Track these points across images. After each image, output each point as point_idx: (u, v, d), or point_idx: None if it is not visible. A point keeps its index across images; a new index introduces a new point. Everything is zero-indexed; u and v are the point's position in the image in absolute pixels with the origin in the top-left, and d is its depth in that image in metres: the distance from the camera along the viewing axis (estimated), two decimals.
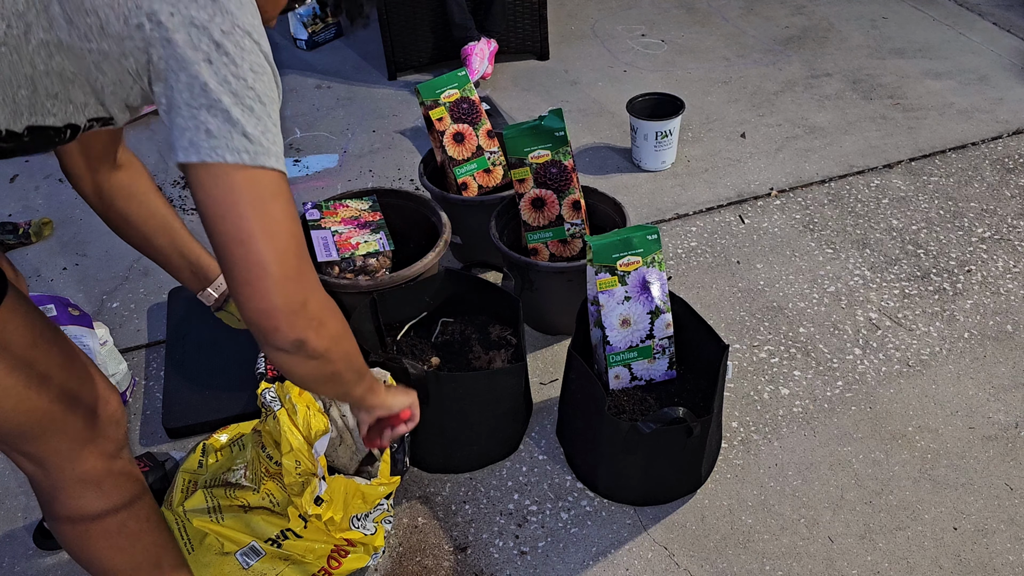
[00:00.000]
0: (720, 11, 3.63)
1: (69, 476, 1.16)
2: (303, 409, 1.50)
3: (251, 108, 0.91)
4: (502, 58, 3.27)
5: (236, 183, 0.91)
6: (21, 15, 0.88)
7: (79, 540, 1.22)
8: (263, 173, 0.92)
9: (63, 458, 1.15)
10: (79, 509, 1.19)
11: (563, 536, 1.66)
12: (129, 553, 1.25)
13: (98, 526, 1.21)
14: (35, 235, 2.47)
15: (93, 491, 1.18)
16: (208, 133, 0.89)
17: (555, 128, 1.98)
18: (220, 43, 0.89)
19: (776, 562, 1.60)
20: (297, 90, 3.18)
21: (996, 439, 1.81)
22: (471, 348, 1.87)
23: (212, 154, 0.89)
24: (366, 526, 1.56)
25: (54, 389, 1.10)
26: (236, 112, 0.90)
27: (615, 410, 1.73)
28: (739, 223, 2.44)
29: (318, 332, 0.99)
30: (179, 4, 0.89)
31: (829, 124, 2.87)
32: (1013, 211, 2.45)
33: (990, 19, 3.48)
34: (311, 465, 1.45)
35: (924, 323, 2.09)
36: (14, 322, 1.06)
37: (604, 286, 1.71)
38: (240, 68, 0.90)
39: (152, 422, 1.92)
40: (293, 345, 0.97)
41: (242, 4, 0.92)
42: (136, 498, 1.24)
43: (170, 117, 0.91)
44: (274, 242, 0.92)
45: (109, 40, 0.90)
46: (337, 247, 1.97)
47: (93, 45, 0.91)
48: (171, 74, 0.89)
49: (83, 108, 0.98)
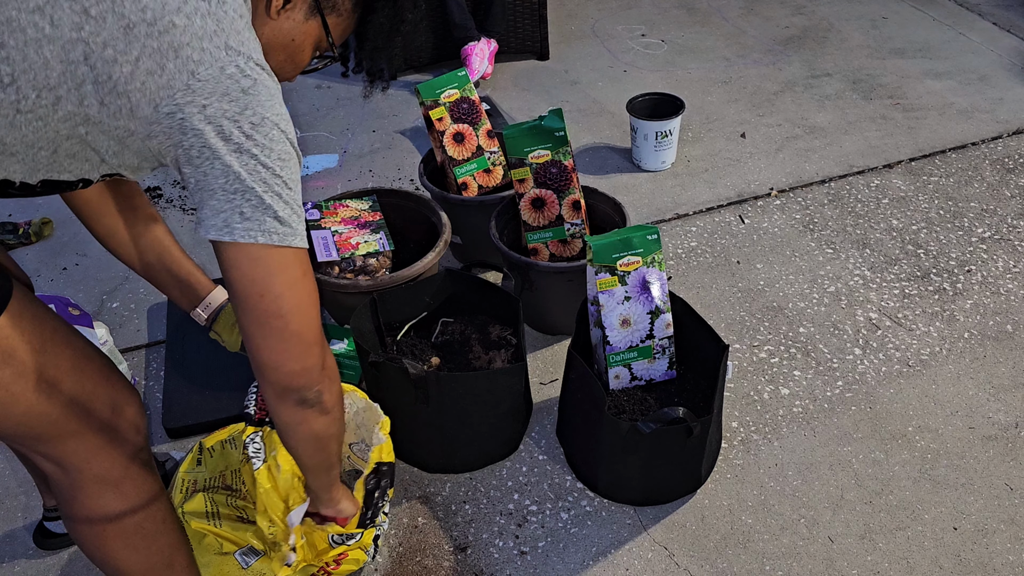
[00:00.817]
0: (720, 11, 3.63)
1: (88, 477, 1.16)
2: (287, 469, 1.45)
3: (279, 194, 0.99)
4: (502, 58, 3.27)
5: (271, 263, 1.00)
6: (52, 88, 0.92)
7: (96, 540, 1.22)
8: (293, 252, 1.02)
9: (80, 459, 1.15)
10: (98, 509, 1.19)
11: (563, 536, 1.66)
12: (144, 553, 1.25)
13: (115, 526, 1.21)
14: (35, 235, 2.47)
15: (112, 492, 1.18)
16: (243, 216, 0.97)
17: (555, 128, 1.98)
18: (250, 135, 0.96)
19: (776, 562, 1.60)
20: (297, 90, 3.18)
21: (996, 439, 1.81)
22: (471, 348, 1.87)
23: (246, 235, 0.98)
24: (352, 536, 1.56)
25: (65, 394, 1.10)
26: (268, 198, 0.98)
27: (615, 410, 1.73)
28: (739, 223, 2.44)
29: (331, 388, 1.15)
30: (212, 97, 0.94)
31: (829, 124, 2.87)
32: (1013, 211, 2.45)
33: (990, 19, 3.48)
34: (283, 533, 1.43)
35: (924, 323, 2.09)
36: (21, 327, 1.05)
37: (604, 286, 1.71)
38: (269, 158, 0.97)
39: (152, 422, 1.92)
40: (315, 396, 1.12)
41: (271, 95, 0.98)
42: (153, 499, 1.24)
43: (201, 197, 0.98)
44: (307, 315, 1.05)
45: (137, 121, 0.95)
46: (337, 247, 1.98)
47: (121, 123, 0.96)
48: (204, 162, 0.96)
49: (98, 167, 1.02)
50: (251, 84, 0.96)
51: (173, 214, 2.56)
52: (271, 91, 0.99)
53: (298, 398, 1.11)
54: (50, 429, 1.10)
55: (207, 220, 0.98)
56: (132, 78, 0.92)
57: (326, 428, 1.18)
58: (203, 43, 0.94)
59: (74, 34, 0.90)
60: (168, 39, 0.93)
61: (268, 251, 0.99)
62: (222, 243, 0.99)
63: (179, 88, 0.93)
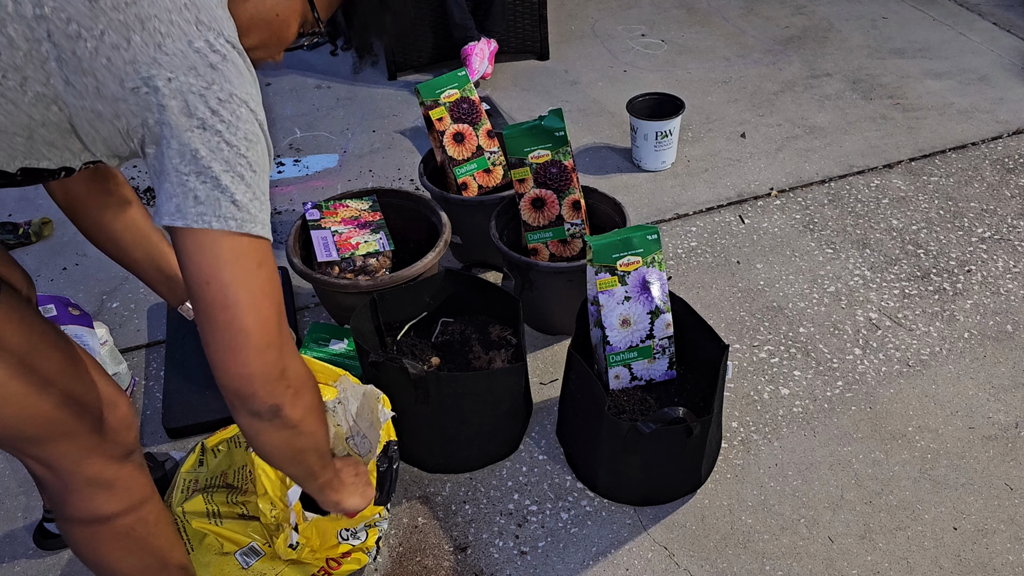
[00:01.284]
0: (720, 11, 3.63)
1: (79, 479, 1.16)
2: None
3: (242, 176, 0.92)
4: (502, 58, 3.27)
5: (222, 250, 0.92)
6: (19, 68, 0.89)
7: (88, 542, 1.22)
8: (249, 241, 0.93)
9: (71, 461, 1.14)
10: (89, 511, 1.18)
11: (563, 536, 1.66)
12: (138, 555, 1.25)
13: (108, 528, 1.20)
14: (35, 235, 2.47)
15: (103, 494, 1.18)
16: (196, 200, 0.90)
17: (555, 128, 1.98)
18: (216, 111, 0.90)
19: (776, 562, 1.60)
20: (297, 90, 3.18)
21: (996, 439, 1.81)
22: (471, 348, 1.87)
23: (199, 220, 0.90)
24: (357, 535, 1.56)
25: (56, 395, 1.09)
26: (226, 180, 0.91)
27: (615, 410, 1.73)
28: (739, 223, 2.44)
29: (293, 401, 1.01)
30: (177, 71, 0.90)
31: (829, 124, 2.87)
32: (1013, 211, 2.45)
33: (990, 19, 3.48)
34: (284, 512, 1.43)
35: (924, 323, 2.09)
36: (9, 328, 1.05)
37: (604, 286, 1.71)
38: (235, 136, 0.91)
39: (152, 422, 1.92)
40: (269, 411, 0.99)
41: (241, 73, 0.94)
42: (145, 500, 1.23)
43: (159, 182, 0.92)
44: (258, 311, 0.94)
45: (104, 101, 0.91)
46: (337, 247, 1.98)
47: (88, 104, 0.92)
48: (163, 140, 0.90)
49: (79, 154, 0.99)
50: (220, 60, 0.92)
51: None
52: (241, 69, 0.94)
53: (249, 409, 0.99)
54: (41, 431, 1.10)
55: (161, 205, 0.91)
56: (97, 53, 0.89)
57: (288, 442, 1.05)
58: (171, 15, 0.91)
59: (38, 11, 0.88)
60: (135, 11, 0.89)
61: (221, 237, 0.91)
62: (175, 228, 0.92)
63: (144, 62, 0.89)
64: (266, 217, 0.95)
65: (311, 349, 1.92)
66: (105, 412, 1.17)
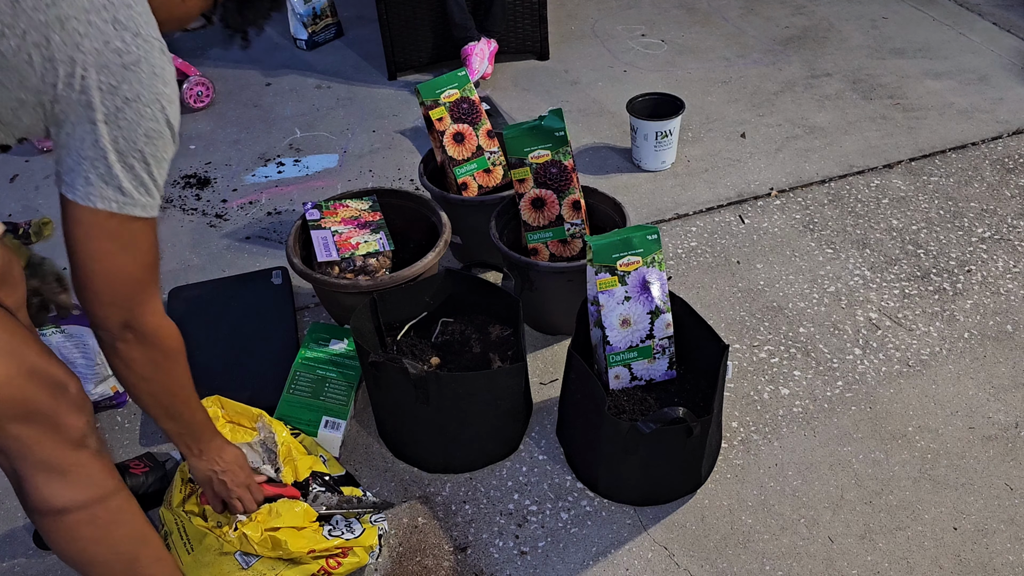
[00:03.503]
0: (720, 11, 3.63)
1: (32, 464, 1.15)
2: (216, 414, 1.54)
3: (132, 167, 1.06)
4: (502, 58, 3.27)
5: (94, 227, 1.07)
6: None
7: (53, 532, 1.21)
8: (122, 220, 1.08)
9: (23, 446, 1.14)
10: (46, 500, 1.18)
11: (563, 536, 1.66)
12: (104, 545, 1.24)
13: (69, 517, 1.19)
14: (35, 235, 2.47)
15: (58, 480, 1.17)
16: (87, 181, 1.04)
17: (555, 128, 1.98)
18: (121, 108, 1.03)
19: (776, 562, 1.60)
20: (297, 90, 3.18)
21: (996, 439, 1.81)
22: (471, 348, 1.87)
23: (85, 199, 1.05)
24: (352, 528, 1.55)
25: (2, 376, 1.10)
26: (117, 168, 1.05)
27: (615, 410, 1.73)
28: (739, 223, 2.44)
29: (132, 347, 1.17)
30: (91, 69, 1.01)
31: (829, 124, 2.87)
32: (1013, 211, 2.45)
33: (990, 19, 3.48)
34: None
35: (924, 323, 2.09)
36: None
37: (604, 286, 1.71)
38: (135, 132, 1.04)
39: (152, 422, 1.91)
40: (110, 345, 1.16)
41: (155, 73, 1.05)
42: (105, 487, 1.22)
43: (61, 153, 1.06)
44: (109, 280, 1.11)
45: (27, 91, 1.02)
46: (337, 247, 1.98)
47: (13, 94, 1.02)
48: (68, 124, 1.04)
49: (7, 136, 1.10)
50: (134, 60, 1.03)
51: (173, 214, 2.56)
52: (155, 69, 1.05)
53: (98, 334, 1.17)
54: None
55: (61, 175, 1.06)
56: (19, 51, 0.98)
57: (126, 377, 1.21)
58: (89, 16, 1.00)
59: None
60: (55, 12, 0.98)
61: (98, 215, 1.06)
62: (65, 197, 1.06)
63: (62, 60, 1.00)
64: (152, 201, 1.10)
65: (311, 349, 1.92)
66: (56, 391, 1.16)
